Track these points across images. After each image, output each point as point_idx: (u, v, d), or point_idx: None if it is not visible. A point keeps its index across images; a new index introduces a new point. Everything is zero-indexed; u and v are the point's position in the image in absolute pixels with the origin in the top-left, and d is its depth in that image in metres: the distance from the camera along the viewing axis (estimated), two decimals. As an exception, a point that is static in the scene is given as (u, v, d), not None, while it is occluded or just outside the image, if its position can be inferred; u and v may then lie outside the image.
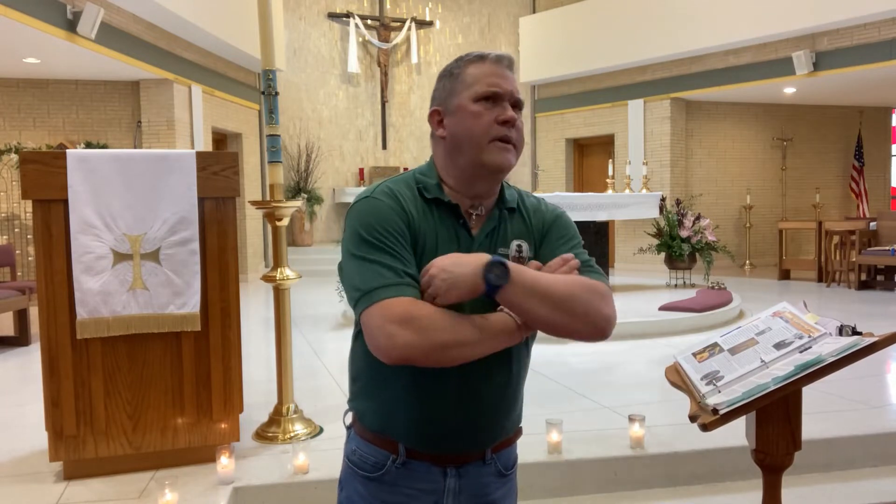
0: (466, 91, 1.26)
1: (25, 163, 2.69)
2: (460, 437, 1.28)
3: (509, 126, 1.24)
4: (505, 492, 1.37)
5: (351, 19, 11.88)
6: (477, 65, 1.28)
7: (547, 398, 3.95)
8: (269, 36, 3.24)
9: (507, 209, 1.32)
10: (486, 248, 1.27)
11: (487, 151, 1.23)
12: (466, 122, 1.25)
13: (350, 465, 1.35)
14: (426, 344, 1.11)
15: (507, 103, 1.26)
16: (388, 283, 1.15)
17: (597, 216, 7.77)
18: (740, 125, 11.30)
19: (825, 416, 3.41)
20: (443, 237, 1.25)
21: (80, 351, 2.75)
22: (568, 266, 1.24)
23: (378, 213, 1.21)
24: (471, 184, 1.28)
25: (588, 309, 1.19)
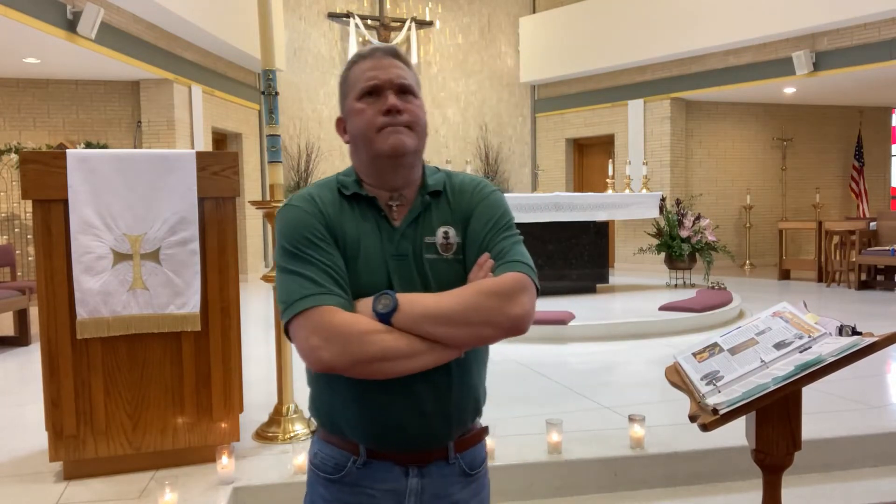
0: (352, 93, 1.29)
1: (25, 163, 2.69)
2: (411, 435, 1.25)
3: (393, 114, 1.24)
4: (471, 492, 1.33)
5: (351, 19, 11.88)
6: (357, 65, 1.30)
7: (547, 398, 3.95)
8: (269, 36, 3.24)
9: (430, 194, 1.30)
10: (411, 237, 1.26)
11: (378, 140, 1.24)
12: (356, 122, 1.27)
13: (312, 469, 1.34)
14: (348, 358, 1.12)
15: (388, 92, 1.26)
16: (309, 294, 1.15)
17: (597, 216, 7.78)
18: (740, 125, 11.30)
19: (825, 416, 3.41)
20: (365, 231, 1.25)
21: (80, 351, 2.75)
22: (483, 271, 1.22)
23: (295, 221, 1.23)
24: (380, 176, 1.28)
25: (489, 316, 1.17)
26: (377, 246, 1.25)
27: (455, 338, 1.16)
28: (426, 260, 1.25)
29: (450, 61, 12.52)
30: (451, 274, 1.25)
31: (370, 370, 1.14)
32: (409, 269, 1.24)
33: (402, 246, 1.25)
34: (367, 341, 1.12)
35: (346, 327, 1.13)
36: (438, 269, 1.25)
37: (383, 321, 1.15)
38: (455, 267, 1.26)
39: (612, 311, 6.87)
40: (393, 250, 1.25)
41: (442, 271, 1.25)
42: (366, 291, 1.20)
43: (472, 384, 1.32)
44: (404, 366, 1.14)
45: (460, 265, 1.26)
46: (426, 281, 1.24)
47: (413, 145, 1.26)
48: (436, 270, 1.25)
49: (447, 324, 1.15)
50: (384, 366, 1.13)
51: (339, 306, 1.16)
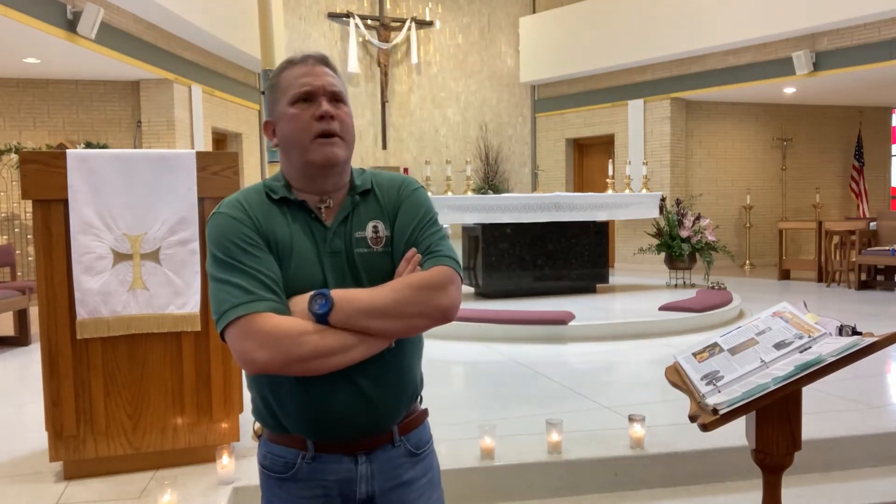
0: (283, 97, 1.31)
1: (25, 163, 2.69)
2: (357, 423, 1.29)
3: (327, 120, 1.28)
4: (420, 471, 1.39)
5: (351, 19, 11.88)
6: (289, 70, 1.33)
7: (547, 398, 3.95)
8: (269, 36, 3.24)
9: (360, 194, 1.35)
10: (343, 234, 1.31)
11: (312, 150, 1.28)
12: (288, 126, 1.30)
13: (264, 471, 1.36)
14: (283, 358, 1.16)
15: (321, 99, 1.29)
16: (240, 302, 1.19)
17: (597, 216, 7.78)
18: (740, 125, 11.30)
19: (825, 416, 3.41)
20: (297, 233, 1.29)
21: (80, 351, 2.75)
22: (411, 265, 1.28)
23: (223, 228, 1.25)
24: (310, 181, 1.32)
25: (421, 308, 1.23)
26: (310, 246, 1.29)
27: (390, 330, 1.23)
28: (357, 254, 1.30)
29: (450, 61, 12.52)
30: (382, 266, 1.31)
31: (305, 368, 1.18)
32: (342, 265, 1.29)
33: (334, 244, 1.30)
34: (299, 342, 1.16)
35: (277, 331, 1.16)
36: (370, 263, 1.30)
37: (320, 320, 1.19)
38: (385, 259, 1.32)
39: (612, 311, 6.87)
40: (327, 248, 1.29)
41: (373, 265, 1.30)
42: (302, 290, 1.24)
43: (409, 370, 1.36)
44: (338, 360, 1.19)
45: (390, 258, 1.32)
46: (357, 275, 1.29)
47: (344, 156, 1.31)
48: (367, 264, 1.30)
49: (382, 317, 1.21)
50: (318, 363, 1.18)
51: (271, 310, 1.19)
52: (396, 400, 1.33)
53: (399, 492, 1.35)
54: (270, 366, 1.17)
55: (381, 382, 1.29)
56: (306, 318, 1.20)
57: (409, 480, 1.36)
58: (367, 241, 1.31)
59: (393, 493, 1.34)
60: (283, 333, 1.17)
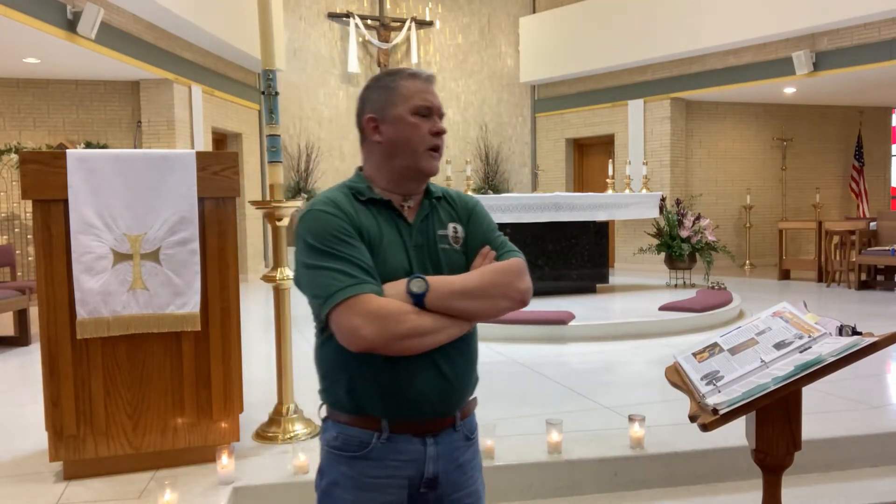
0: (404, 104, 1.44)
1: (25, 163, 2.69)
2: (433, 405, 1.42)
3: (441, 137, 1.47)
4: (470, 455, 1.53)
5: (351, 19, 11.88)
6: (412, 81, 1.47)
7: (547, 398, 3.95)
8: (269, 36, 3.24)
9: (435, 198, 1.53)
10: (424, 231, 1.47)
11: (423, 159, 1.45)
12: (406, 132, 1.44)
13: (333, 451, 1.45)
14: (387, 334, 1.29)
15: (436, 117, 1.47)
16: (346, 285, 1.31)
17: (597, 216, 7.78)
18: (740, 125, 11.30)
19: (825, 416, 3.41)
20: (384, 227, 1.43)
21: (80, 351, 2.75)
22: (487, 259, 1.47)
23: (322, 222, 1.38)
24: (403, 183, 1.47)
25: (505, 290, 1.42)
26: (396, 238, 1.43)
27: (478, 311, 1.40)
28: (440, 249, 1.47)
29: (450, 61, 12.52)
30: (459, 261, 1.48)
31: (402, 346, 1.32)
32: (424, 257, 1.44)
33: (417, 238, 1.45)
34: (401, 320, 1.31)
35: (382, 310, 1.30)
36: (449, 257, 1.47)
37: (417, 301, 1.34)
38: (460, 257, 1.49)
39: (612, 311, 6.87)
40: (411, 242, 1.44)
41: (451, 259, 1.47)
42: (390, 277, 1.38)
43: (474, 357, 1.52)
44: (430, 340, 1.34)
45: (463, 256, 1.49)
46: (438, 266, 1.45)
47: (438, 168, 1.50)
48: (447, 258, 1.47)
49: (472, 298, 1.38)
50: (414, 342, 1.32)
51: (374, 293, 1.32)
52: (467, 383, 1.49)
53: (457, 473, 1.48)
54: (375, 342, 1.29)
55: (457, 366, 1.44)
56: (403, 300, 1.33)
57: (463, 463, 1.50)
58: (448, 238, 1.48)
59: (453, 472, 1.47)
60: (387, 312, 1.30)
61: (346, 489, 1.42)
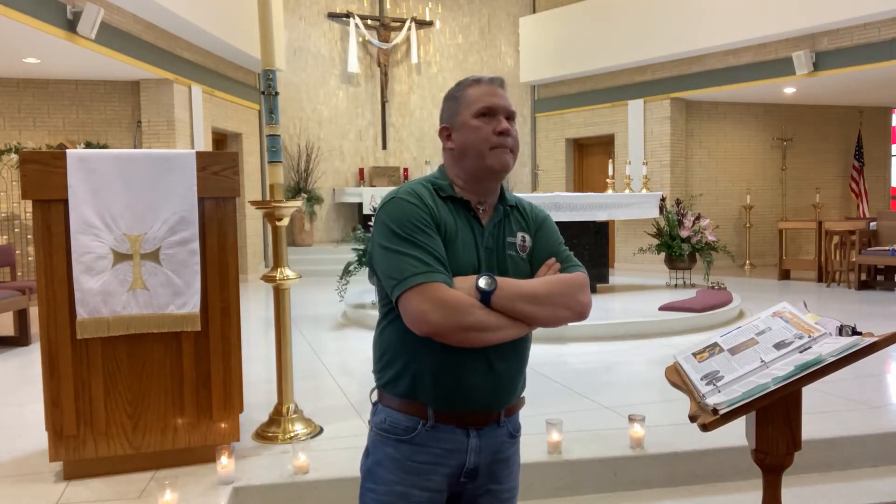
0: (467, 110, 1.52)
1: (25, 163, 2.69)
2: (481, 398, 1.48)
3: (505, 135, 1.49)
4: (512, 452, 1.59)
5: (351, 19, 11.88)
6: (475, 87, 1.53)
7: (547, 398, 3.95)
8: (269, 36, 3.24)
9: (509, 206, 1.59)
10: (495, 235, 1.53)
11: (489, 156, 1.49)
12: (470, 135, 1.50)
13: (381, 433, 1.52)
14: (452, 323, 1.35)
15: (501, 116, 1.50)
16: (420, 272, 1.37)
17: (597, 216, 7.77)
18: (740, 125, 11.30)
19: (825, 416, 3.41)
20: (460, 225, 1.50)
21: (80, 351, 2.75)
22: (552, 270, 1.54)
23: (404, 210, 1.44)
24: (477, 183, 1.53)
25: (567, 301, 1.48)
26: (470, 237, 1.50)
27: (539, 316, 1.45)
28: (508, 255, 1.53)
29: (450, 61, 12.52)
30: (524, 269, 1.54)
31: (465, 337, 1.38)
32: (493, 260, 1.51)
33: (488, 241, 1.52)
34: (468, 312, 1.37)
35: (452, 300, 1.36)
36: (515, 264, 1.53)
37: (484, 296, 1.39)
38: (525, 265, 1.55)
39: (612, 311, 6.86)
40: (482, 243, 1.51)
41: (517, 266, 1.53)
42: (460, 272, 1.44)
43: (526, 360, 1.58)
44: (491, 337, 1.40)
45: (528, 264, 1.56)
46: (505, 272, 1.50)
47: (512, 165, 1.54)
48: (513, 264, 1.53)
49: (536, 303, 1.44)
50: (476, 335, 1.38)
51: (445, 283, 1.38)
52: (516, 383, 1.55)
53: (499, 467, 1.55)
54: (440, 329, 1.35)
55: (510, 365, 1.51)
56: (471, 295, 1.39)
57: (506, 458, 1.57)
58: (515, 246, 1.54)
59: (494, 466, 1.54)
60: (456, 303, 1.36)
61: (390, 470, 1.48)
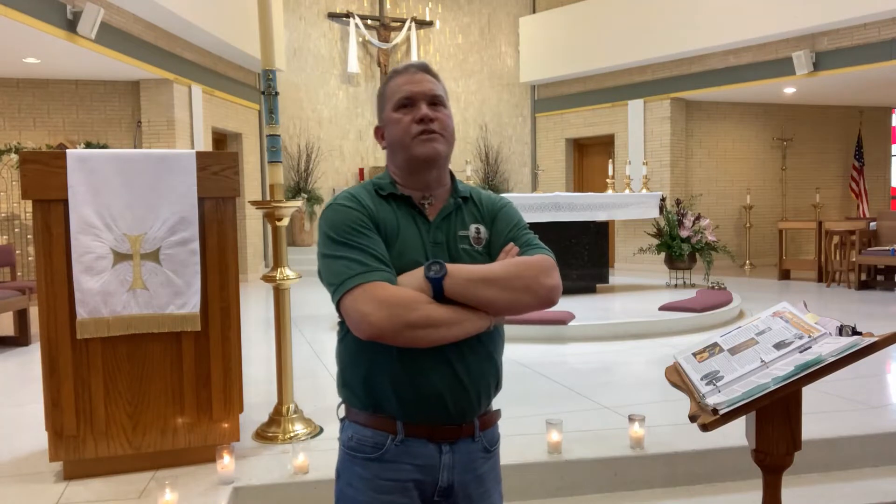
0: (389, 104, 1.47)
1: (25, 163, 2.69)
2: (449, 406, 1.39)
3: (426, 122, 1.42)
4: (489, 467, 1.50)
5: (351, 19, 11.88)
6: (394, 79, 1.49)
7: (547, 398, 3.95)
8: (269, 36, 3.24)
9: (461, 198, 1.50)
10: (444, 230, 1.45)
11: (414, 146, 1.42)
12: (393, 129, 1.45)
13: (348, 452, 1.45)
14: (397, 322, 1.26)
15: (421, 103, 1.44)
16: (357, 272, 1.31)
17: (597, 216, 7.78)
18: (740, 125, 11.30)
19: (825, 416, 3.41)
20: (403, 223, 1.43)
21: (80, 351, 2.75)
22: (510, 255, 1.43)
23: (340, 214, 1.39)
24: (414, 176, 1.46)
25: (529, 283, 1.36)
26: (415, 234, 1.42)
27: (499, 301, 1.34)
28: (461, 249, 1.44)
29: (450, 61, 12.52)
30: (481, 262, 1.44)
31: (414, 336, 1.28)
32: (443, 255, 1.41)
33: (437, 236, 1.44)
34: (413, 308, 1.27)
35: (393, 297, 1.28)
36: (471, 257, 1.44)
37: (435, 285, 1.31)
38: (481, 259, 1.46)
39: (612, 311, 6.87)
40: (430, 239, 1.43)
41: (473, 260, 1.44)
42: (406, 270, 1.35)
43: (496, 361, 1.47)
44: (444, 333, 1.30)
45: (487, 257, 1.47)
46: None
47: (444, 151, 1.45)
48: (469, 258, 1.44)
49: (493, 285, 1.33)
50: (426, 333, 1.28)
51: (386, 281, 1.31)
52: (483, 389, 1.44)
53: (474, 485, 1.46)
54: (384, 330, 1.26)
55: (472, 368, 1.40)
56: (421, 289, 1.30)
57: (482, 475, 1.47)
58: (469, 239, 1.46)
59: (469, 484, 1.45)
60: (398, 300, 1.27)
61: (360, 491, 1.41)
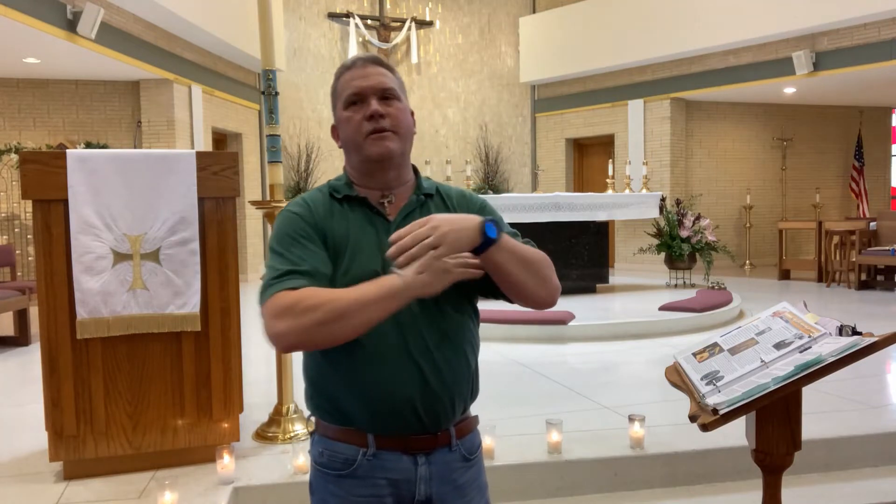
0: (339, 102, 1.39)
1: (25, 163, 2.69)
2: (415, 414, 1.30)
3: (376, 119, 1.33)
4: (470, 476, 1.41)
5: (351, 19, 11.88)
6: (343, 76, 1.39)
7: (547, 398, 3.95)
8: (269, 36, 3.24)
9: (425, 195, 1.41)
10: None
11: (366, 146, 1.34)
12: (345, 129, 1.37)
13: (319, 468, 1.37)
14: (302, 326, 1.17)
15: (371, 99, 1.34)
16: (269, 285, 1.24)
17: (597, 216, 7.78)
18: (740, 125, 11.30)
19: (825, 416, 3.41)
20: (356, 227, 1.34)
21: (80, 351, 2.75)
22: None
23: (284, 223, 1.33)
24: (370, 177, 1.38)
25: (547, 276, 1.35)
26: (371, 238, 1.33)
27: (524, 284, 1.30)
28: None
29: (450, 61, 12.52)
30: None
31: (329, 332, 1.18)
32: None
33: None
34: (314, 307, 1.17)
35: (291, 300, 1.19)
36: None
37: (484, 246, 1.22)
38: None
39: (612, 311, 6.87)
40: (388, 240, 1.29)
41: None
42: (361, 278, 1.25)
43: (469, 363, 1.38)
44: (357, 320, 1.18)
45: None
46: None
47: (398, 149, 1.35)
48: None
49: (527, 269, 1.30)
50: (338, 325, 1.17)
51: (293, 288, 1.21)
52: (458, 393, 1.34)
53: (454, 496, 1.37)
54: (294, 338, 1.18)
55: (444, 372, 1.31)
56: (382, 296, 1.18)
57: (462, 485, 1.39)
58: None
59: (449, 495, 1.36)
60: (295, 301, 1.19)
61: None
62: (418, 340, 1.29)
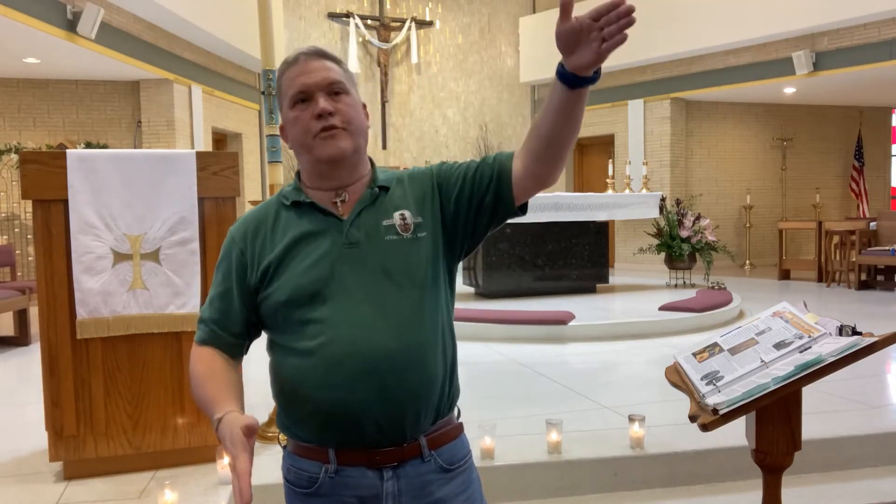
0: (285, 101, 1.31)
1: (25, 163, 2.69)
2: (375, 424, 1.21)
3: (325, 117, 1.25)
4: (454, 488, 1.29)
5: (351, 19, 11.87)
6: (286, 72, 1.31)
7: (547, 398, 3.95)
8: (269, 36, 3.24)
9: (380, 187, 1.33)
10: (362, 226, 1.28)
11: (316, 147, 1.27)
12: (293, 130, 1.30)
13: (288, 485, 1.32)
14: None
15: (318, 95, 1.27)
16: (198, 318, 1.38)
17: (597, 216, 7.78)
18: (740, 125, 11.30)
19: (825, 416, 3.41)
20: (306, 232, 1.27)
21: (80, 351, 2.75)
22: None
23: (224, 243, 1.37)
24: (323, 178, 1.31)
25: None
26: (323, 242, 1.26)
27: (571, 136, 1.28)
28: (388, 241, 1.27)
29: (450, 61, 12.52)
30: (415, 251, 1.28)
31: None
32: (363, 254, 1.25)
33: (352, 235, 1.27)
34: (190, 373, 1.34)
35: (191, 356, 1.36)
36: (401, 249, 1.27)
37: (587, 82, 1.25)
38: (417, 245, 1.28)
39: (612, 311, 6.87)
40: (343, 240, 1.26)
41: (405, 250, 1.27)
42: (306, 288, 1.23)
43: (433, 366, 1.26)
44: (200, 385, 1.30)
45: (420, 242, 1.29)
46: (385, 261, 1.26)
47: (350, 146, 1.28)
48: (398, 250, 1.27)
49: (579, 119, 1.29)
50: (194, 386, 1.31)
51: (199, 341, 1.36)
52: (423, 399, 1.24)
53: None
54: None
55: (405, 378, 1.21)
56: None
57: (442, 498, 1.27)
58: (395, 228, 1.27)
59: None
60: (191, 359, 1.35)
61: None
62: (374, 341, 1.20)
